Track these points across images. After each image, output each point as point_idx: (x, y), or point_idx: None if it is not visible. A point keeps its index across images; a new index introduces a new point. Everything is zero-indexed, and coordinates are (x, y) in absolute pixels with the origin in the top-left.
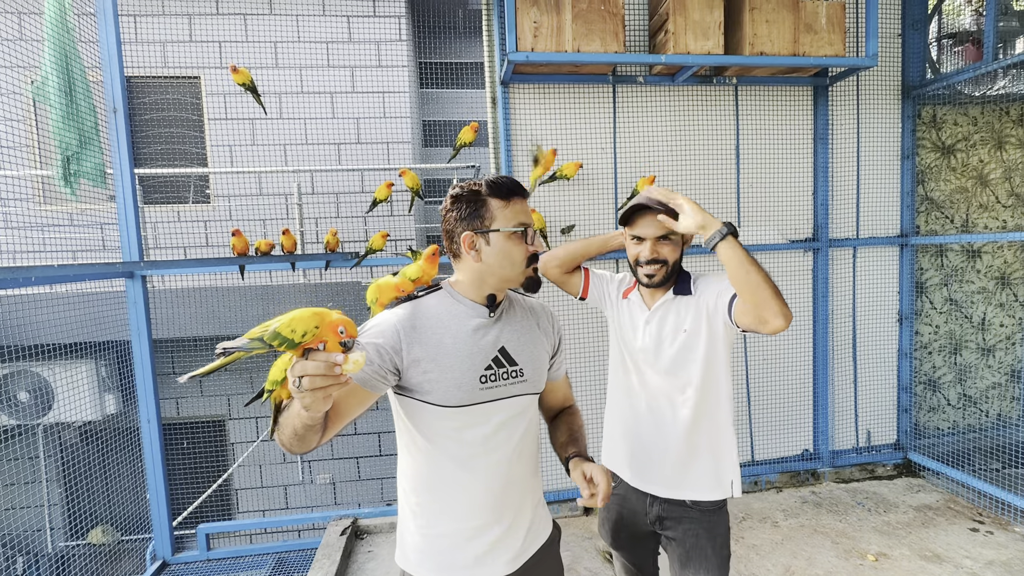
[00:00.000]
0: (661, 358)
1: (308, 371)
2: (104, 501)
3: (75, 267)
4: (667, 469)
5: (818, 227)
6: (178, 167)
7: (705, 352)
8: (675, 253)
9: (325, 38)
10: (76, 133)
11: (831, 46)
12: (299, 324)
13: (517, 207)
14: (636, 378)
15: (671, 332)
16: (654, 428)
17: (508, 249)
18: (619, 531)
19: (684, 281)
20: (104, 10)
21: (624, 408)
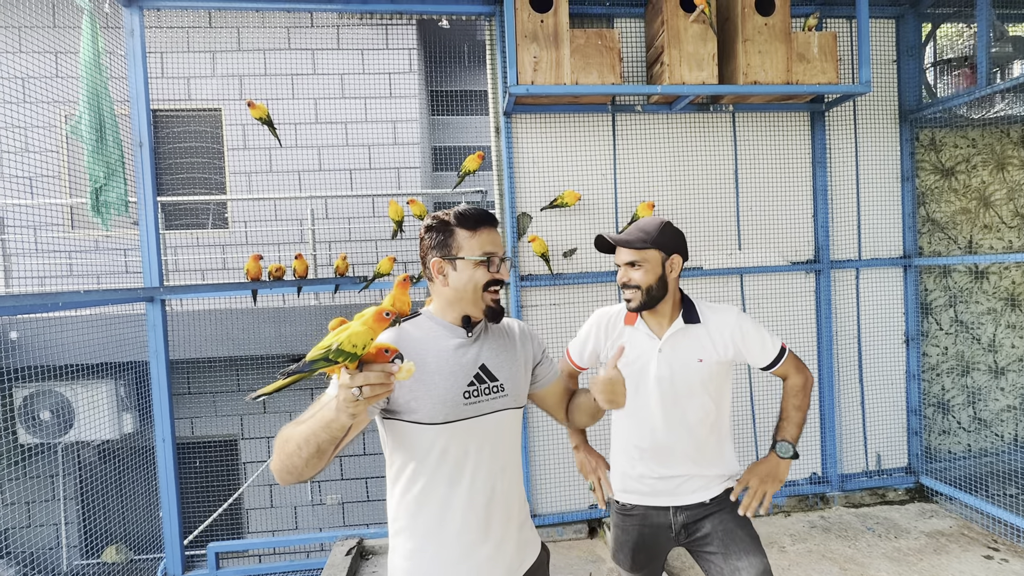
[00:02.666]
0: (676, 386)
1: (371, 380)
2: (119, 520)
3: (99, 292)
4: (686, 483)
5: (819, 248)
6: (199, 194)
7: (718, 379)
8: (649, 277)
9: (340, 70)
10: (104, 166)
11: (824, 74)
12: (358, 339)
13: (483, 237)
14: (649, 404)
15: (685, 362)
16: (670, 450)
17: (472, 275)
18: (639, 552)
19: (689, 308)
20: (133, 52)
21: (636, 434)
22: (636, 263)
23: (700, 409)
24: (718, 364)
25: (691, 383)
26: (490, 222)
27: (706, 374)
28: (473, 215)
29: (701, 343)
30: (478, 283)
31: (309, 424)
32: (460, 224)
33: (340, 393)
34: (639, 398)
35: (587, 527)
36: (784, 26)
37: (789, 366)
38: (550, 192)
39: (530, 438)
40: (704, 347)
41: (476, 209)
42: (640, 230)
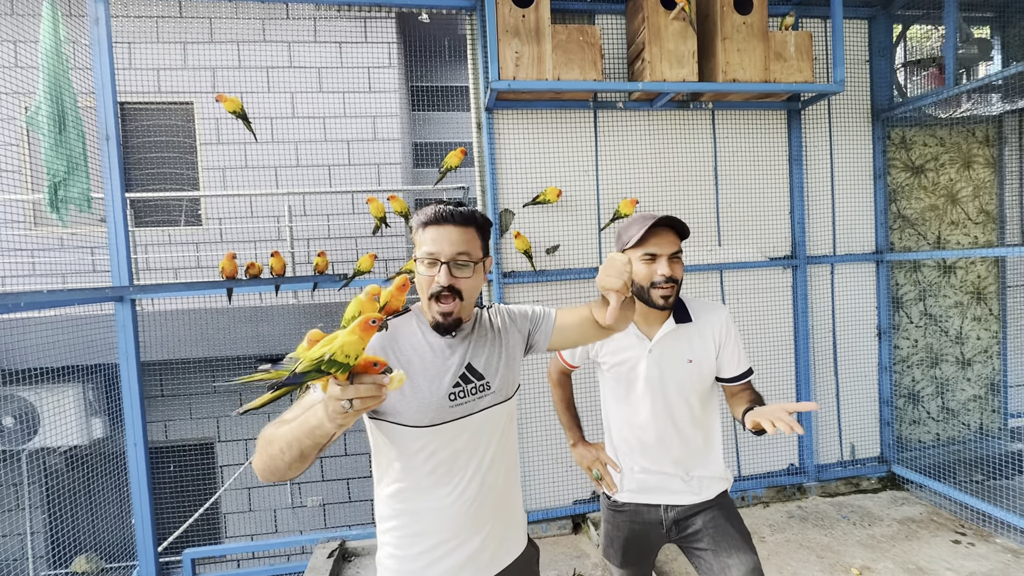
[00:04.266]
0: (666, 386)
1: (362, 393)
2: (89, 528)
3: (65, 292)
4: (677, 482)
5: (796, 244)
6: (170, 190)
7: (708, 379)
8: (682, 271)
9: (317, 64)
10: (65, 160)
11: (800, 73)
12: (351, 349)
13: (430, 235)
14: (639, 405)
15: (674, 363)
16: (661, 450)
17: (420, 278)
18: (629, 548)
19: (680, 307)
20: (99, 41)
21: (627, 434)
22: (678, 254)
23: (689, 410)
24: (707, 364)
25: (681, 384)
26: (444, 220)
27: (696, 375)
28: (426, 211)
29: (691, 343)
30: (423, 288)
31: (293, 429)
32: (418, 220)
33: (330, 404)
34: (629, 398)
35: (571, 523)
36: (762, 25)
37: (748, 387)
38: (532, 189)
39: None
40: (694, 347)
41: (436, 206)
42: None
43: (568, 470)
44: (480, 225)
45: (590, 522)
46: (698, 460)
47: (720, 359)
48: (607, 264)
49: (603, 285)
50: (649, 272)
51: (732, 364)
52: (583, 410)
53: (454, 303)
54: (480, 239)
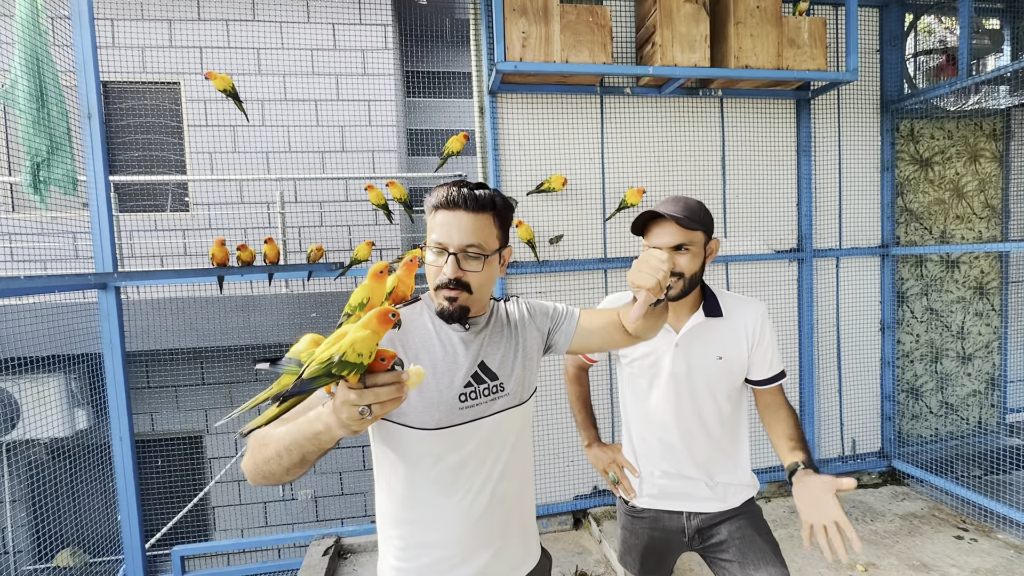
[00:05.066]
0: (693, 383)
1: (381, 397)
2: (73, 521)
3: (43, 278)
4: (701, 487)
5: (802, 237)
6: (156, 174)
7: (739, 379)
8: (694, 265)
9: (309, 45)
10: (46, 139)
11: (813, 60)
12: (364, 347)
13: (440, 220)
14: (661, 402)
15: (703, 358)
16: (685, 453)
17: (428, 266)
18: (648, 556)
19: (711, 300)
20: (79, 13)
21: (648, 434)
22: (684, 246)
23: (717, 410)
24: (738, 363)
25: (709, 381)
26: (451, 204)
27: (725, 373)
28: (439, 194)
29: (722, 339)
30: (432, 277)
31: (292, 433)
32: (430, 201)
33: (343, 411)
34: (651, 395)
35: (572, 518)
36: (775, 9)
37: (780, 392)
38: (536, 176)
39: None
40: (725, 343)
41: (449, 186)
42: (684, 209)
43: (569, 465)
44: (499, 211)
45: (591, 517)
46: (724, 465)
47: (752, 359)
48: (641, 259)
49: (633, 281)
50: None
51: (764, 365)
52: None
53: (460, 292)
54: (498, 227)
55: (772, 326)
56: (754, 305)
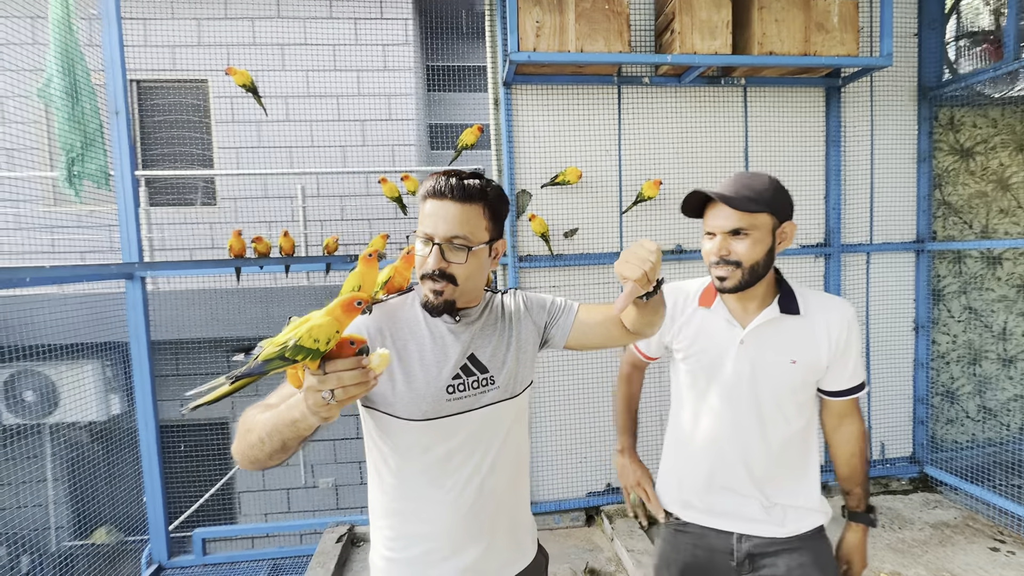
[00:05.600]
0: (757, 388)
1: (345, 381)
2: (109, 501)
3: (68, 268)
4: (755, 507)
5: (830, 232)
6: (185, 169)
7: (812, 389)
8: (755, 252)
9: (331, 41)
10: (80, 135)
11: (843, 45)
12: (321, 333)
13: (428, 209)
14: (719, 407)
15: (773, 360)
16: (741, 465)
17: (417, 258)
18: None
19: (788, 295)
20: (108, 13)
21: (699, 441)
22: (743, 231)
23: (783, 421)
24: (814, 370)
25: (777, 387)
26: (438, 193)
27: (799, 380)
28: (429, 184)
29: (798, 340)
30: (417, 267)
31: (273, 419)
32: (420, 190)
33: (309, 396)
34: (707, 397)
35: (584, 515)
36: None
37: (856, 406)
38: (551, 168)
39: None
40: (801, 346)
41: (440, 175)
42: (746, 187)
43: (582, 461)
44: (490, 202)
45: (604, 515)
46: (785, 485)
47: (832, 367)
48: (630, 248)
49: (619, 272)
50: (706, 251)
51: (844, 375)
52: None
53: (445, 285)
54: (488, 219)
55: (859, 331)
56: (840, 306)
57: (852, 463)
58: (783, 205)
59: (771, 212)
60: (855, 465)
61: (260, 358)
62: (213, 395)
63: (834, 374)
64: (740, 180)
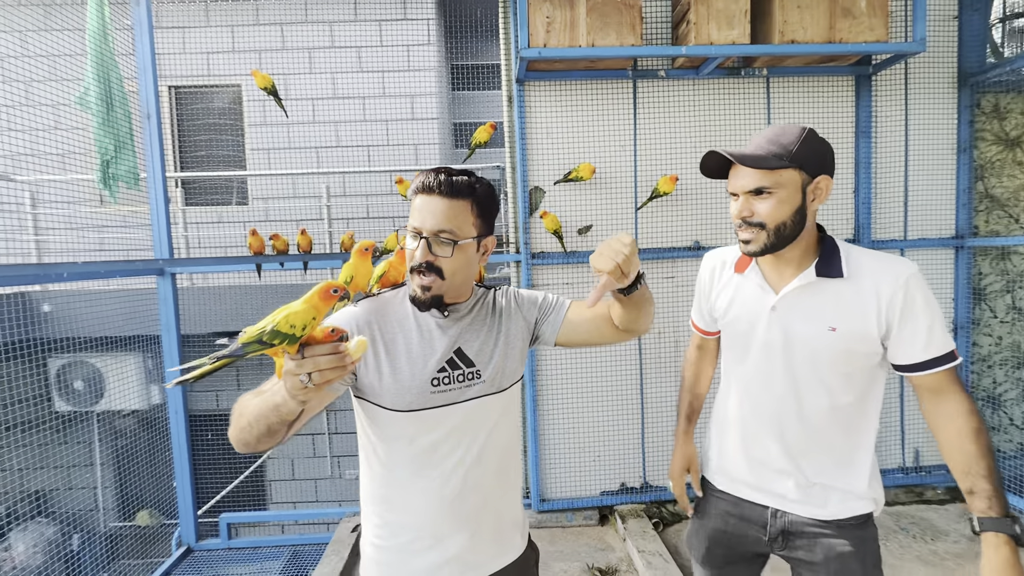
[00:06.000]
0: (792, 358)
1: (321, 365)
2: (151, 485)
3: (101, 264)
4: (790, 484)
5: (859, 227)
6: (220, 170)
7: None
8: (782, 211)
9: (357, 43)
10: (113, 139)
11: (872, 32)
12: (297, 319)
13: (417, 204)
14: (753, 375)
15: (810, 327)
16: (775, 440)
17: (406, 249)
18: (717, 545)
19: (830, 255)
20: (140, 23)
21: (736, 410)
22: (766, 190)
23: (826, 394)
24: (863, 339)
25: (815, 357)
26: (426, 189)
27: (840, 350)
28: (419, 179)
29: (840, 305)
30: (407, 262)
31: (260, 404)
32: (411, 187)
33: (287, 380)
34: (744, 366)
35: (598, 514)
36: None
37: (951, 381)
38: (565, 165)
39: (539, 422)
40: (843, 311)
41: (432, 172)
42: (771, 142)
43: (595, 460)
44: (479, 199)
45: (617, 515)
46: (828, 465)
47: (894, 336)
48: (605, 242)
49: (592, 263)
50: (732, 214)
51: (916, 344)
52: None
53: (432, 279)
54: (476, 215)
55: (926, 293)
56: (896, 266)
57: (964, 448)
58: (815, 158)
59: (799, 167)
60: (968, 451)
61: (240, 341)
62: (195, 373)
63: (902, 344)
64: (767, 134)
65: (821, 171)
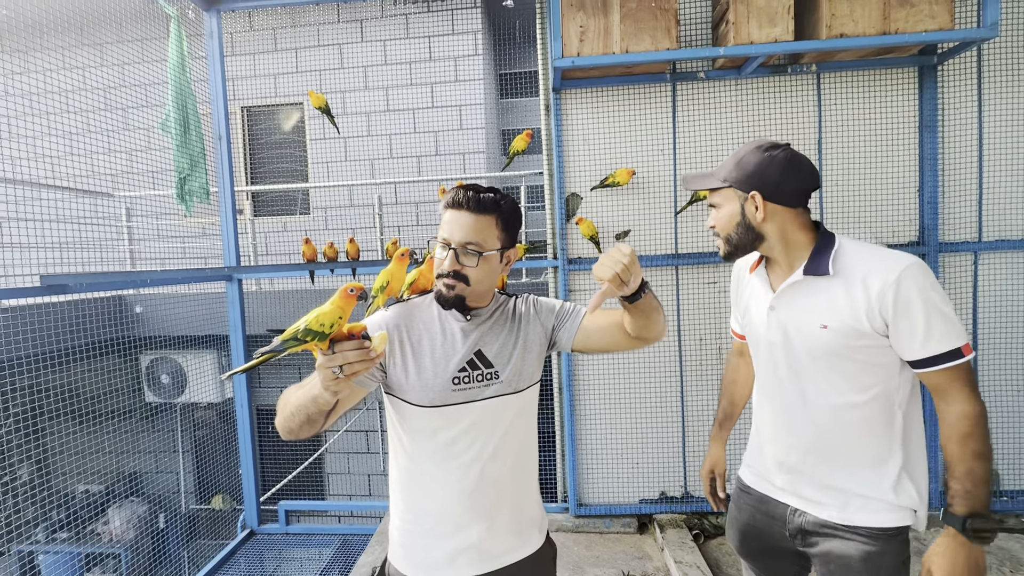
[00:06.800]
0: (794, 357)
1: (349, 358)
2: (224, 472)
3: (178, 271)
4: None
5: (925, 228)
6: (285, 183)
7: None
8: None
9: (408, 59)
10: (188, 158)
11: (933, 19)
12: (325, 318)
13: (446, 217)
14: (763, 375)
15: (803, 326)
16: (788, 439)
17: (436, 258)
18: (748, 539)
19: (819, 254)
20: (212, 54)
21: (754, 408)
22: (714, 205)
23: (829, 393)
24: (855, 336)
25: (814, 356)
26: (456, 204)
27: (836, 346)
28: (451, 195)
29: (830, 303)
30: (435, 269)
31: (300, 396)
32: (442, 202)
33: (320, 372)
34: (759, 366)
35: (637, 522)
36: None
37: (950, 380)
38: (603, 171)
39: (577, 427)
40: (833, 309)
41: (464, 189)
42: (723, 163)
43: (634, 468)
44: (503, 215)
45: (656, 524)
46: (841, 465)
47: (891, 332)
48: (607, 251)
49: (594, 272)
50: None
51: (914, 340)
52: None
53: (458, 283)
54: (500, 229)
55: (923, 286)
56: (890, 260)
57: (950, 448)
58: (749, 178)
59: (732, 184)
60: (952, 452)
61: (279, 339)
62: (244, 366)
63: (900, 340)
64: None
65: (757, 187)
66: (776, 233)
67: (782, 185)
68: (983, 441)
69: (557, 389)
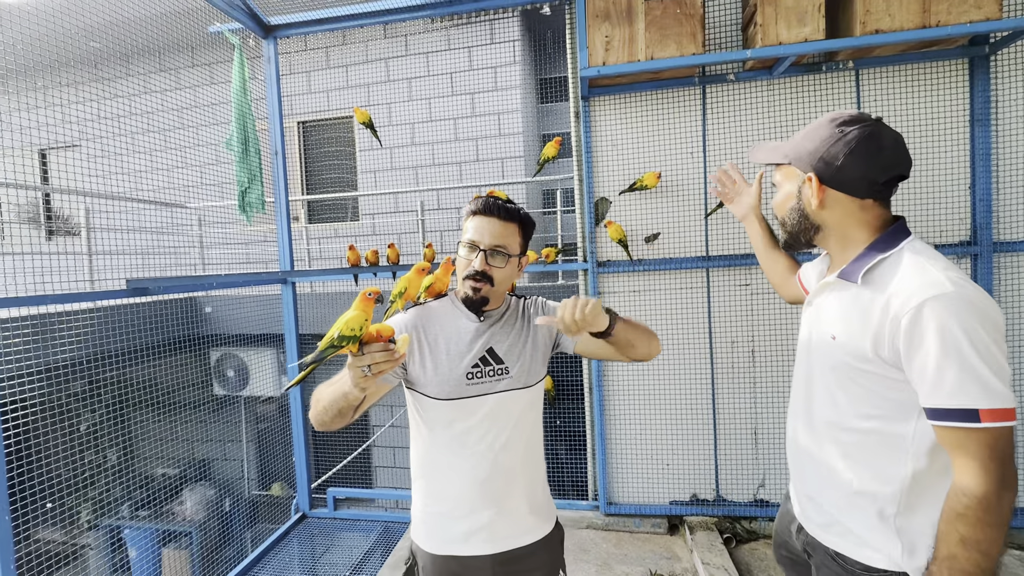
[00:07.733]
0: (811, 361)
1: (376, 359)
2: (283, 461)
3: (238, 275)
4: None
5: (977, 227)
6: (335, 192)
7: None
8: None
9: (449, 69)
10: (248, 172)
11: (979, 9)
12: (354, 323)
13: (472, 223)
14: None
15: (820, 331)
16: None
17: (460, 260)
18: (778, 546)
19: (863, 258)
20: (270, 77)
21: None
22: (775, 184)
23: (828, 407)
24: (858, 357)
25: (823, 365)
26: (486, 211)
27: (840, 363)
28: (476, 203)
29: (845, 314)
30: (461, 270)
31: (331, 392)
32: (467, 208)
33: (351, 371)
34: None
35: (667, 523)
36: None
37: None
38: (632, 175)
39: (607, 426)
40: (845, 320)
41: (487, 198)
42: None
43: (664, 469)
44: (523, 224)
45: (686, 525)
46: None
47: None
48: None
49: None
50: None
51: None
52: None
53: (484, 284)
54: (520, 236)
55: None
56: (920, 283)
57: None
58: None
59: (792, 162)
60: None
61: (319, 348)
62: (296, 379)
63: (913, 380)
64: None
65: (813, 168)
66: (835, 225)
67: (846, 168)
68: (978, 528)
69: (588, 389)
